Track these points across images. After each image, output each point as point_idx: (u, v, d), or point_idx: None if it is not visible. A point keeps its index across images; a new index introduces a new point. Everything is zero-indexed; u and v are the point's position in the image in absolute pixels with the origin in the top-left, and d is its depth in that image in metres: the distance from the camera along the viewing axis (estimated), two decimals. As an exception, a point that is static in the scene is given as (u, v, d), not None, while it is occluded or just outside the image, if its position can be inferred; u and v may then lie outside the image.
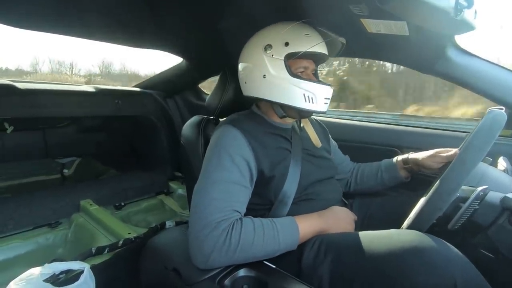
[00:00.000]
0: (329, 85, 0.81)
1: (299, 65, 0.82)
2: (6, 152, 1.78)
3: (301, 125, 0.96)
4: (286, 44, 0.77)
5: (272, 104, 0.84)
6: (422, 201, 0.65)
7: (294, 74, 0.78)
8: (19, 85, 1.38)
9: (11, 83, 1.37)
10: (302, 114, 0.84)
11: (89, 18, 1.08)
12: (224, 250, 0.63)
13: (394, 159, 1.03)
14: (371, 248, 0.63)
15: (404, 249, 0.58)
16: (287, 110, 0.83)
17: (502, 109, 0.61)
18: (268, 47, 0.79)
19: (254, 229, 0.67)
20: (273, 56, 0.78)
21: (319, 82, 0.81)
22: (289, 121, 0.90)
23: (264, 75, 0.79)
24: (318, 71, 0.94)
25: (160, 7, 0.96)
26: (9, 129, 1.68)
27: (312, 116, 0.98)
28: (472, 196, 0.59)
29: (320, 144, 0.96)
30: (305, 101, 0.78)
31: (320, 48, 0.80)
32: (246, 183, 0.74)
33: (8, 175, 1.81)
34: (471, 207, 0.60)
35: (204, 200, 0.69)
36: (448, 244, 0.59)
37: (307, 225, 0.74)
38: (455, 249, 0.58)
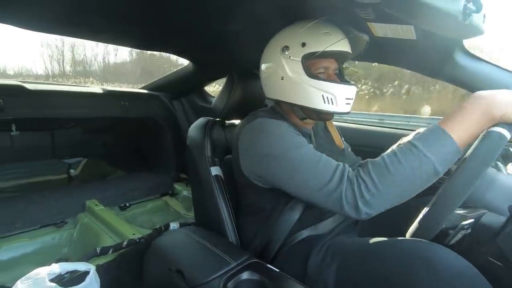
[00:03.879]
0: (352, 84, 0.77)
1: (319, 65, 0.78)
2: (15, 152, 1.81)
3: (325, 126, 0.96)
4: (303, 44, 0.74)
5: (292, 106, 0.82)
6: (423, 212, 0.64)
7: (312, 75, 0.75)
8: (28, 86, 1.40)
9: (20, 83, 1.40)
10: (322, 116, 0.81)
11: (98, 21, 1.10)
12: (366, 192, 0.58)
13: (391, 147, 0.99)
14: (378, 254, 0.63)
15: (413, 258, 0.57)
16: (306, 112, 0.81)
17: (503, 127, 0.55)
18: (285, 48, 0.77)
19: (383, 159, 0.60)
20: (291, 58, 0.76)
21: (340, 82, 0.77)
22: (310, 124, 0.88)
23: (282, 77, 0.77)
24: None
25: (168, 10, 0.97)
26: (14, 132, 1.71)
27: None
28: (459, 229, 0.59)
29: (343, 146, 0.95)
30: (324, 102, 0.74)
31: (341, 46, 0.75)
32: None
33: (16, 175, 1.84)
34: (461, 233, 0.59)
35: (310, 174, 0.64)
36: (459, 256, 0.57)
37: (460, 120, 0.56)
38: (466, 262, 0.56)
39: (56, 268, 0.82)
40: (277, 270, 0.68)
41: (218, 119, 1.05)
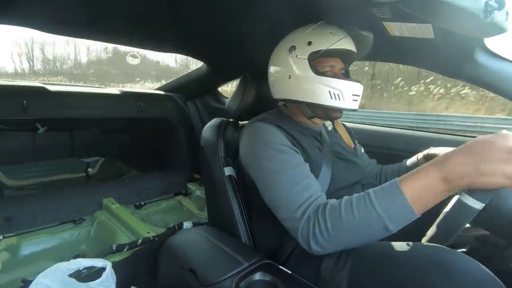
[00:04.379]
0: (357, 81, 0.78)
1: (326, 64, 0.80)
2: (37, 151, 1.89)
3: (331, 126, 0.95)
4: (309, 43, 0.77)
5: (299, 104, 0.83)
6: (441, 216, 0.62)
7: (319, 72, 0.77)
8: (49, 87, 1.45)
9: (42, 85, 1.46)
10: (330, 113, 0.81)
11: (115, 24, 1.13)
12: (319, 234, 0.60)
13: (416, 156, 0.97)
14: (393, 259, 0.61)
15: (428, 264, 0.55)
16: (314, 109, 0.82)
17: (473, 196, 0.52)
18: (292, 48, 0.80)
19: (340, 205, 0.60)
20: (297, 57, 0.78)
21: (346, 78, 0.79)
22: (318, 123, 0.89)
23: (290, 76, 0.80)
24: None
25: (183, 12, 0.99)
26: (41, 129, 1.79)
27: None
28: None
29: (353, 145, 0.95)
30: (331, 98, 0.76)
31: (345, 44, 0.77)
32: (303, 162, 0.74)
33: (37, 173, 1.92)
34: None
35: (279, 198, 0.68)
36: (478, 263, 0.54)
37: (418, 182, 0.54)
38: (486, 269, 0.53)
39: (75, 263, 0.84)
40: (289, 272, 0.68)
41: (231, 119, 1.06)
